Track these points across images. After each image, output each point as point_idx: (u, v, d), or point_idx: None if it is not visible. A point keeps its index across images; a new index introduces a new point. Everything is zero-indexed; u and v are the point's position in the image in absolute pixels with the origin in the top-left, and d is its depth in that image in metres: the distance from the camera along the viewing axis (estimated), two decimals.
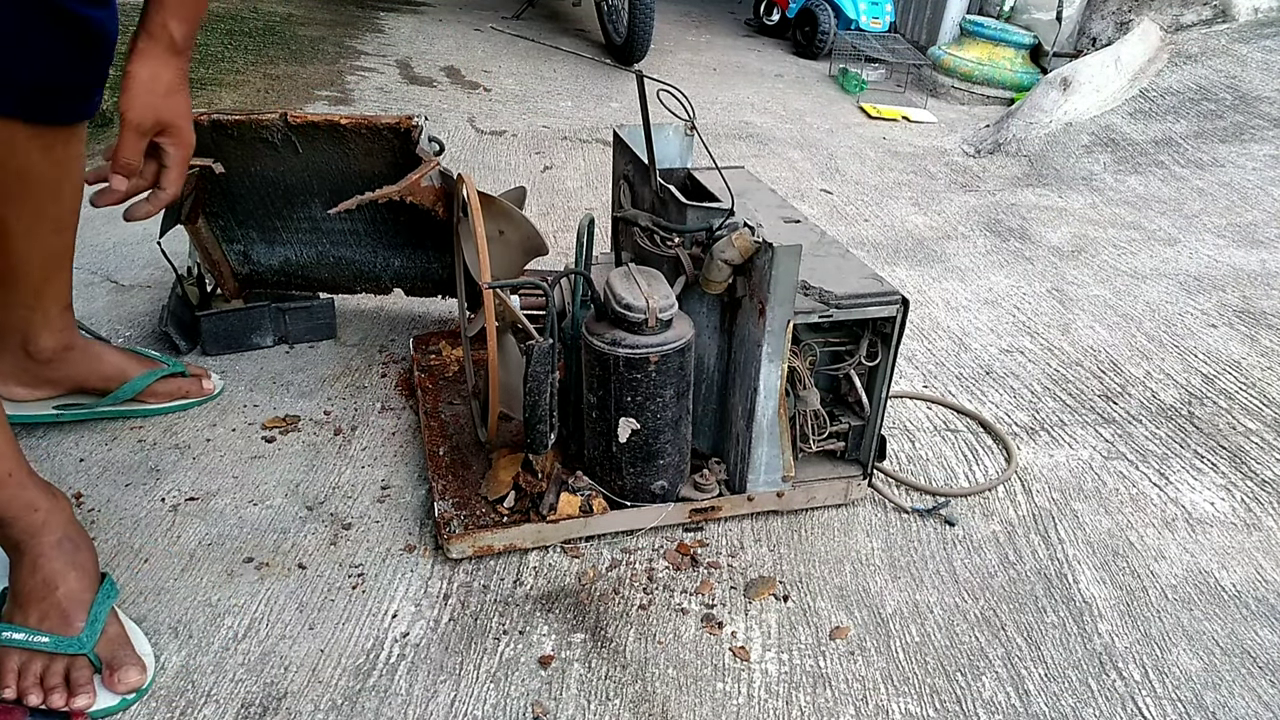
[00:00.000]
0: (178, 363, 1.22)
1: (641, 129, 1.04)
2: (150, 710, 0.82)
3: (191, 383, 1.22)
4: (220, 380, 1.28)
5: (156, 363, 1.21)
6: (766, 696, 0.88)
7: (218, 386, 1.26)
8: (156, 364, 1.20)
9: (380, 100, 2.72)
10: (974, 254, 2.01)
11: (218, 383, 1.27)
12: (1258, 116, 2.59)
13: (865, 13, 4.03)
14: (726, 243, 0.96)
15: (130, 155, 0.83)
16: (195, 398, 1.22)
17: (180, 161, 0.87)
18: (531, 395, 0.96)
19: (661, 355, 0.96)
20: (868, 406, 1.09)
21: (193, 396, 1.22)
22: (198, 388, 1.23)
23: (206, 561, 0.99)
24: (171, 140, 0.86)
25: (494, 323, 0.98)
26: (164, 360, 1.22)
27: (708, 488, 1.08)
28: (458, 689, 0.86)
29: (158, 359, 1.22)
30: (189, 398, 1.22)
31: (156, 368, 1.19)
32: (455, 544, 0.99)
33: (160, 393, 1.19)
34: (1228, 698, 0.91)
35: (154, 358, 1.22)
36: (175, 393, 1.20)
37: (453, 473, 1.11)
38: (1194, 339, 1.63)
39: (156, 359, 1.22)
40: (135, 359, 1.20)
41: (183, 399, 1.21)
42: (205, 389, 1.23)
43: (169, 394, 1.20)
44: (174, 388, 1.20)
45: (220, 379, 1.28)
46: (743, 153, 2.63)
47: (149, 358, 1.22)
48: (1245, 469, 1.28)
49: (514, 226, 1.13)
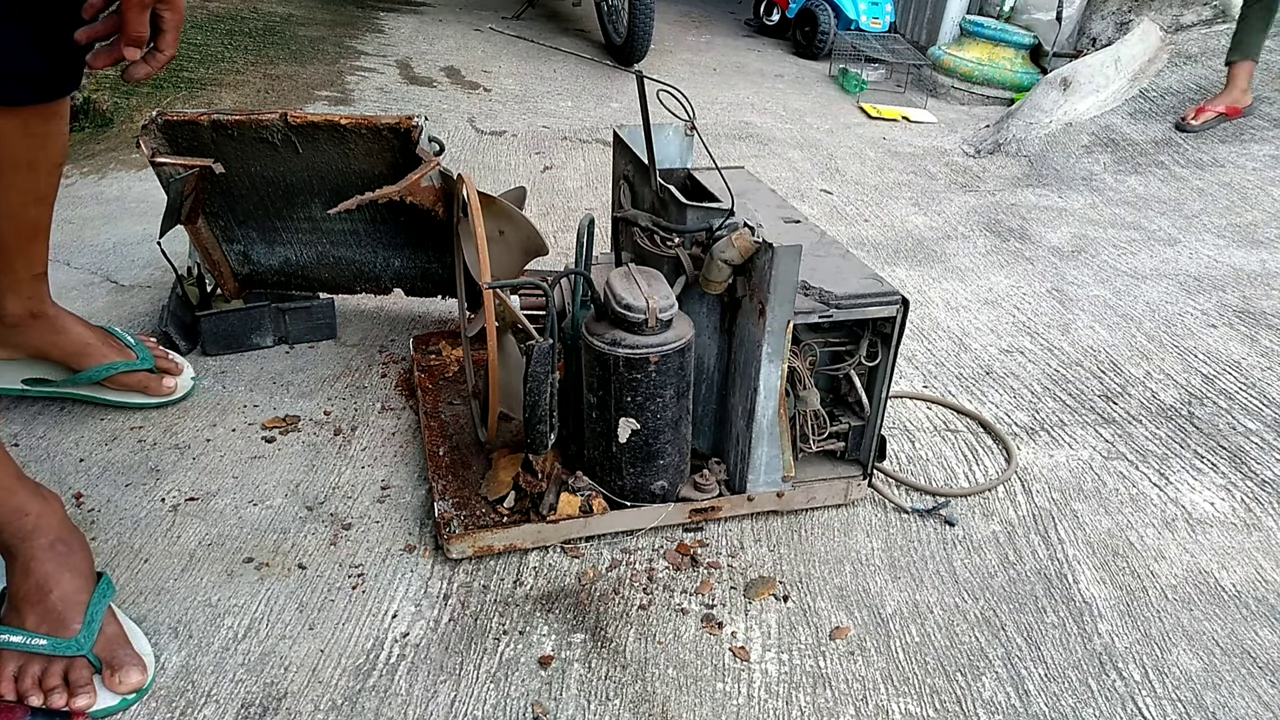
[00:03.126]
0: (148, 356, 1.21)
1: (642, 129, 1.04)
2: (150, 710, 0.82)
3: (151, 380, 1.21)
4: (189, 382, 1.26)
5: (126, 351, 1.19)
6: (766, 696, 0.88)
7: (182, 389, 1.24)
8: (126, 353, 1.19)
9: (380, 100, 2.72)
10: (974, 254, 2.01)
11: (183, 385, 1.24)
12: (1258, 116, 2.59)
13: (865, 13, 4.03)
14: (726, 243, 0.96)
15: (139, 28, 0.84)
16: (154, 396, 1.21)
17: (175, 25, 0.88)
18: (531, 395, 0.96)
19: (661, 355, 0.96)
20: (868, 406, 1.09)
21: (151, 394, 1.21)
22: (156, 386, 1.21)
23: (206, 561, 0.99)
24: (167, 5, 0.86)
25: (494, 323, 0.98)
26: (137, 350, 1.20)
27: (708, 488, 1.08)
28: (458, 689, 0.86)
29: (131, 347, 1.20)
30: (148, 395, 1.21)
31: (124, 358, 1.18)
32: (455, 544, 0.99)
33: (121, 383, 1.19)
34: (1228, 698, 0.91)
35: (128, 345, 1.21)
36: (135, 385, 1.20)
37: (453, 473, 1.11)
38: (1194, 339, 1.63)
39: (130, 347, 1.20)
40: (105, 341, 1.18)
41: (141, 394, 1.20)
42: (163, 388, 1.21)
43: (128, 385, 1.19)
44: (135, 381, 1.19)
45: (191, 380, 1.27)
46: (743, 153, 2.63)
47: (123, 343, 1.21)
48: (1245, 469, 1.28)
49: (514, 226, 1.13)
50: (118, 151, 2.18)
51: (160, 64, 0.89)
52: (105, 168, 2.08)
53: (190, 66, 2.69)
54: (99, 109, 2.43)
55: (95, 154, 2.18)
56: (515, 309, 1.05)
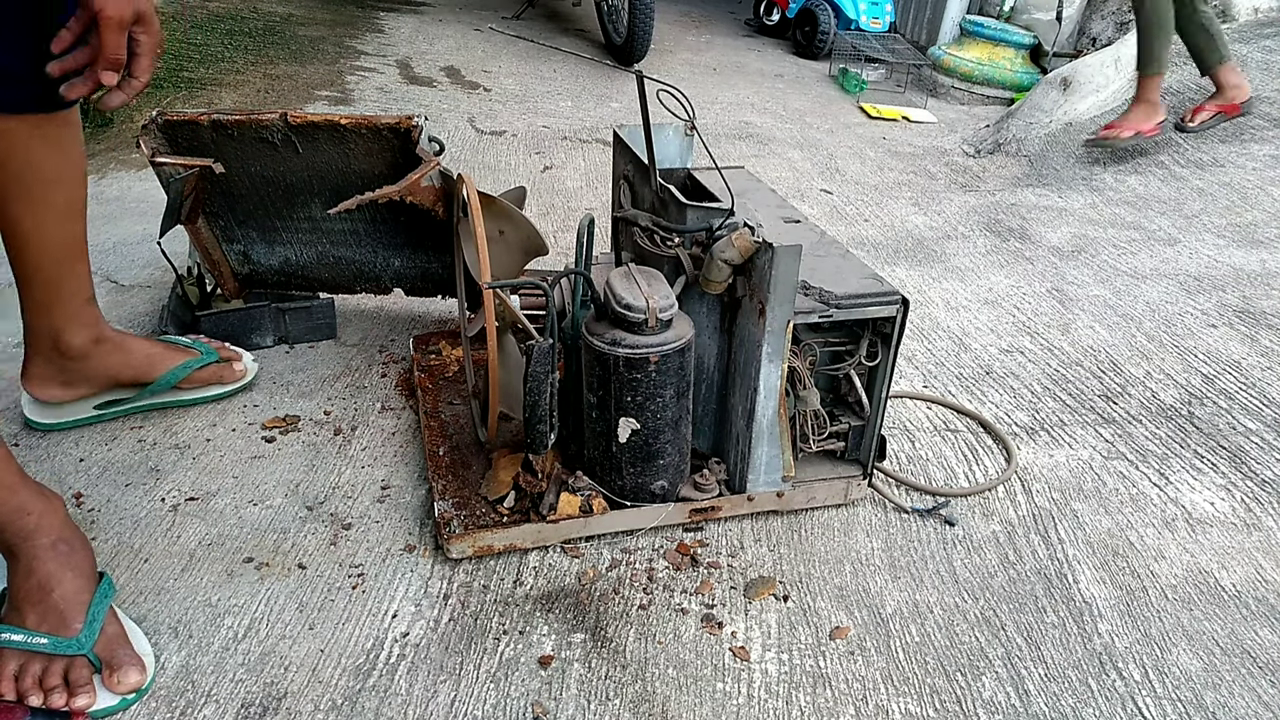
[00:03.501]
0: (210, 350, 1.22)
1: (641, 129, 1.04)
2: (150, 710, 0.82)
3: (224, 369, 1.23)
4: (255, 364, 1.29)
5: (190, 350, 1.21)
6: (766, 696, 0.88)
7: (251, 371, 1.27)
8: (190, 352, 1.20)
9: (380, 100, 2.72)
10: (974, 254, 2.01)
11: (250, 366, 1.27)
12: (1258, 116, 2.59)
13: (865, 13, 4.03)
14: (726, 243, 0.96)
15: (117, 50, 0.83)
16: (230, 383, 1.23)
17: (151, 49, 0.87)
18: (531, 395, 0.96)
19: (661, 355, 0.96)
20: (867, 406, 1.09)
21: (226, 382, 1.23)
22: (230, 373, 1.23)
23: (206, 561, 0.99)
24: (143, 29, 0.86)
25: (494, 323, 0.98)
26: (197, 347, 1.22)
27: (708, 488, 1.08)
28: (458, 689, 0.86)
29: (190, 346, 1.22)
30: (224, 384, 1.23)
31: (191, 356, 1.20)
32: (455, 544, 0.99)
33: (197, 379, 1.20)
34: (1228, 698, 0.91)
35: (185, 345, 1.22)
36: (210, 379, 1.21)
37: (453, 473, 1.11)
38: (1194, 339, 1.63)
39: (189, 346, 1.22)
40: (166, 348, 1.19)
41: (218, 385, 1.22)
42: (236, 373, 1.24)
43: (204, 380, 1.21)
44: (209, 374, 1.21)
45: (254, 362, 1.29)
46: (743, 153, 2.63)
47: (180, 345, 1.22)
48: (1245, 469, 1.27)
49: (514, 226, 1.13)
50: (118, 151, 2.18)
51: (135, 91, 0.88)
52: (105, 168, 2.08)
53: (190, 66, 2.69)
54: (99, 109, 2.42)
55: (95, 154, 2.17)
56: (515, 309, 1.05)
